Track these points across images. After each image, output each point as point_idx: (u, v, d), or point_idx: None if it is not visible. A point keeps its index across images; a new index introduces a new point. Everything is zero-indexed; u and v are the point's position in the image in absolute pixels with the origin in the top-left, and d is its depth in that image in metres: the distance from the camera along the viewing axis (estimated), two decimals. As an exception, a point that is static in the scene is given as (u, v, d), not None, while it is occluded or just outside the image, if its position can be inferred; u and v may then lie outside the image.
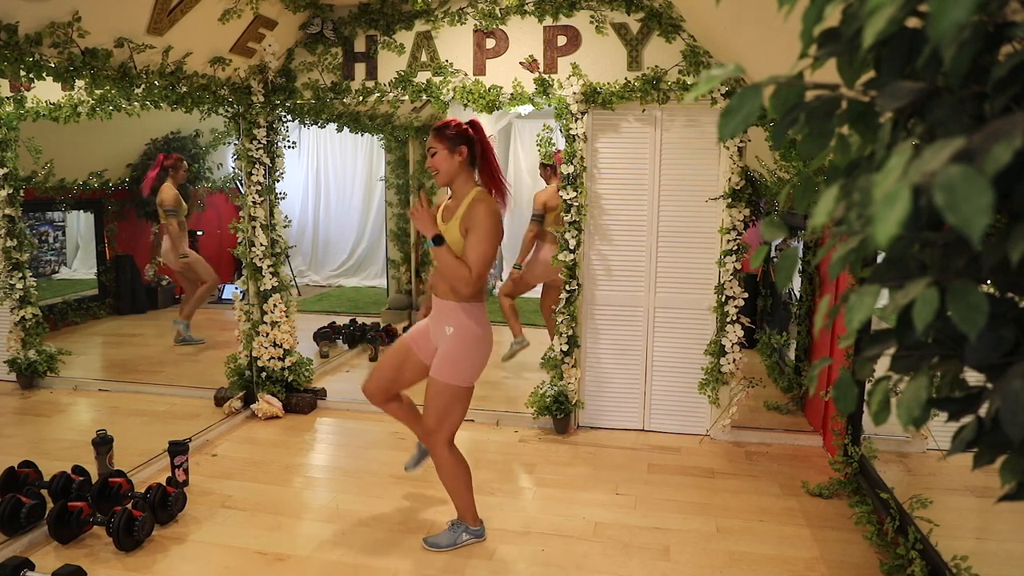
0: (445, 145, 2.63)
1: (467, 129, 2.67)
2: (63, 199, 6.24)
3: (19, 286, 4.74)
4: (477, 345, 2.67)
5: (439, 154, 2.63)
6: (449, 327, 2.67)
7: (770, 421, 4.19)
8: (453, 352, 2.66)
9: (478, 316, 2.68)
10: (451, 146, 2.63)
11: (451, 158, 2.63)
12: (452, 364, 2.66)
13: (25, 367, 4.74)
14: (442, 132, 2.64)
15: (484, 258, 2.56)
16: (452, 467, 2.77)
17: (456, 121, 2.68)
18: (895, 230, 0.63)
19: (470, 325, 2.65)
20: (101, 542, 2.84)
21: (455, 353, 2.66)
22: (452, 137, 2.63)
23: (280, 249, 4.42)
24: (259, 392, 4.36)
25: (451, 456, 2.76)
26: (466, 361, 2.67)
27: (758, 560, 2.78)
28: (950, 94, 0.74)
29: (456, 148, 2.63)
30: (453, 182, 2.68)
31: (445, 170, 2.64)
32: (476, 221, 2.56)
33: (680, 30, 3.77)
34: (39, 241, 6.63)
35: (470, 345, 2.66)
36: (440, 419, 2.69)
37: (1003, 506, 0.88)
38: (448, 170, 2.64)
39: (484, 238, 2.55)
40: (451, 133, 2.63)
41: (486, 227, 2.55)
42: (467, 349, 2.66)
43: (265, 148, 4.27)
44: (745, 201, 3.78)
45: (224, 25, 3.71)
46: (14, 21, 2.82)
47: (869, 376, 0.93)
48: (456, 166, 2.64)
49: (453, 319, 2.66)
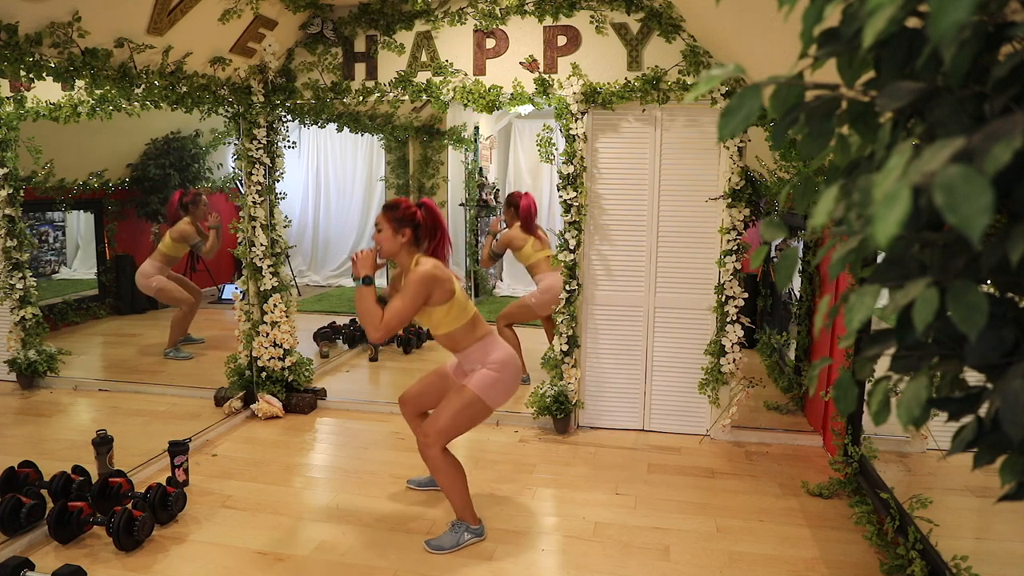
0: (391, 226, 2.78)
1: (415, 212, 2.80)
2: (63, 199, 6.24)
3: (19, 286, 4.74)
4: (508, 368, 2.86)
5: (384, 232, 2.79)
6: (477, 365, 2.86)
7: (770, 421, 4.19)
8: (493, 375, 2.84)
9: (497, 345, 2.90)
10: (396, 227, 2.78)
11: (394, 238, 2.79)
12: (491, 384, 2.82)
13: (25, 367, 4.74)
14: (391, 211, 2.80)
15: (399, 315, 2.70)
16: (448, 469, 2.85)
17: (406, 203, 2.82)
18: (895, 230, 0.63)
19: (495, 354, 2.86)
20: (101, 542, 2.84)
21: (494, 376, 2.84)
22: (399, 219, 2.78)
23: (280, 249, 4.42)
24: (259, 392, 4.36)
25: (446, 458, 2.85)
26: (501, 383, 2.85)
27: (758, 560, 2.78)
28: (950, 94, 0.74)
29: (400, 230, 2.78)
30: (396, 258, 2.84)
31: (388, 248, 2.81)
32: (407, 282, 2.73)
33: (680, 30, 3.77)
34: (39, 241, 6.63)
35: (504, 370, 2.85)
36: (452, 422, 2.80)
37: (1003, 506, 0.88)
38: (390, 249, 2.81)
39: (407, 296, 2.69)
40: (398, 215, 2.78)
41: (413, 290, 2.69)
42: (502, 374, 2.84)
43: (265, 148, 4.27)
44: (745, 201, 3.78)
45: (224, 25, 3.71)
46: (14, 21, 2.82)
47: (869, 376, 0.93)
48: (398, 246, 2.79)
49: (478, 359, 2.86)
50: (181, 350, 5.66)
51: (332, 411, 4.49)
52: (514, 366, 2.89)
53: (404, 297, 2.70)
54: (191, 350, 5.77)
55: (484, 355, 2.85)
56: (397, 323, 2.70)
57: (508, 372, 2.86)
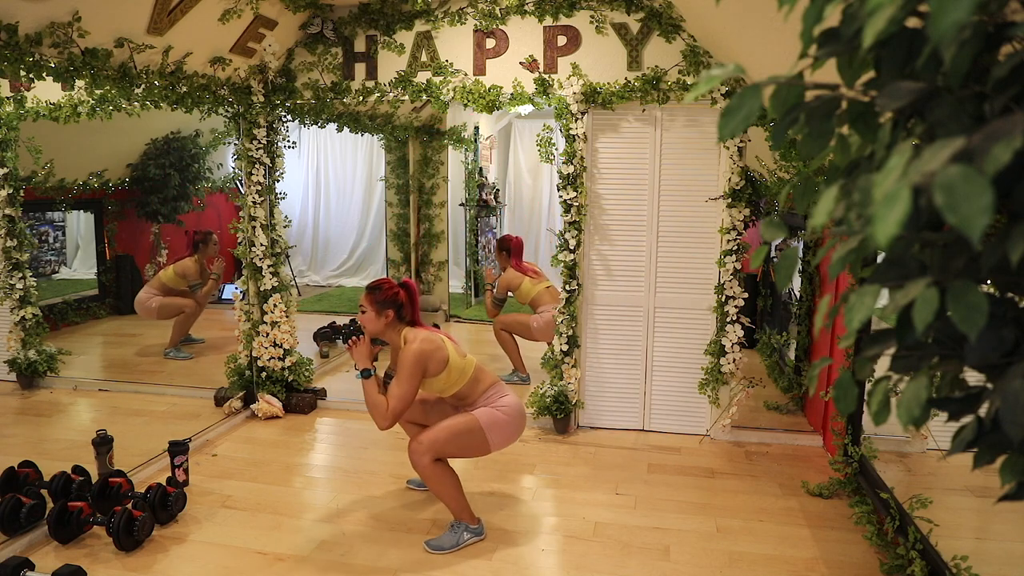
0: (374, 308, 2.82)
1: (397, 293, 2.84)
2: (63, 199, 6.24)
3: (19, 286, 4.74)
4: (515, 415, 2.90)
5: (367, 314, 2.83)
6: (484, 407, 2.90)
7: (770, 421, 4.19)
8: (500, 416, 2.86)
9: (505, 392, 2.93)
10: (379, 309, 2.82)
11: (377, 320, 2.83)
12: (495, 421, 2.85)
13: (25, 367, 4.74)
14: (373, 293, 2.84)
15: (402, 398, 2.70)
16: (438, 475, 2.85)
17: (388, 284, 2.86)
18: (895, 230, 0.63)
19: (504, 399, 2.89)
20: (101, 542, 2.84)
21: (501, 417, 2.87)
22: (381, 302, 2.82)
23: (280, 249, 4.42)
24: (259, 392, 4.36)
25: (435, 466, 2.84)
26: (508, 427, 2.89)
27: (758, 560, 2.78)
28: (950, 94, 0.74)
29: (383, 312, 2.82)
30: (382, 336, 2.87)
31: (372, 329, 2.84)
32: (400, 363, 2.75)
33: (680, 30, 3.77)
34: (39, 241, 6.62)
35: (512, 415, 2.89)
36: (448, 440, 2.81)
37: (1003, 506, 0.88)
38: (375, 329, 2.84)
39: (404, 379, 2.71)
40: (380, 298, 2.82)
41: (408, 369, 2.71)
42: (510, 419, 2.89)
43: (265, 148, 4.27)
44: (745, 201, 3.78)
45: (224, 25, 3.71)
46: (14, 21, 2.82)
47: (869, 376, 0.93)
48: (382, 326, 2.83)
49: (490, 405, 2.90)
50: (181, 350, 5.66)
51: (332, 411, 4.49)
52: (521, 415, 2.93)
53: (402, 381, 2.71)
54: (191, 350, 5.77)
55: (496, 402, 2.89)
56: (402, 407, 2.71)
57: (515, 419, 2.90)
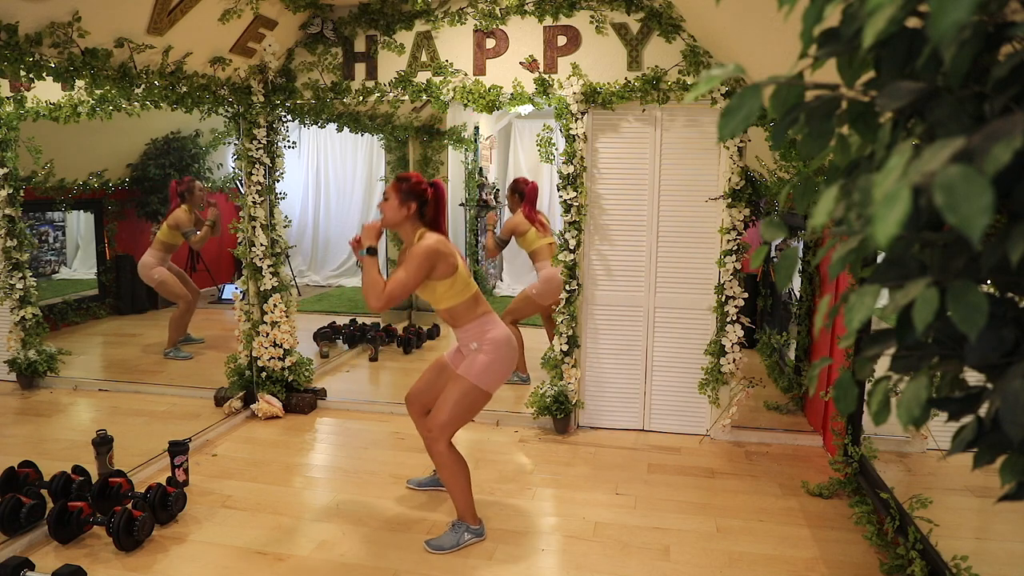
0: (398, 197, 2.83)
1: (425, 189, 2.85)
2: (63, 199, 6.24)
3: (19, 286, 4.74)
4: (502, 349, 2.87)
5: (390, 202, 2.84)
6: (473, 343, 2.87)
7: (770, 421, 4.19)
8: (484, 358, 2.84)
9: (494, 325, 2.90)
10: (403, 199, 2.82)
11: (398, 210, 2.83)
12: (483, 368, 2.83)
13: (25, 367, 4.74)
14: (400, 184, 2.85)
15: (402, 285, 2.72)
16: (453, 465, 2.86)
17: (417, 177, 2.88)
18: (895, 230, 0.63)
19: (492, 333, 2.86)
20: (101, 542, 2.84)
21: (487, 359, 2.84)
22: (407, 192, 2.82)
23: (280, 249, 4.42)
24: (259, 392, 4.36)
25: (451, 454, 2.86)
26: (495, 367, 2.86)
27: (758, 560, 2.78)
28: (950, 94, 0.74)
29: (406, 203, 2.82)
30: (398, 229, 2.87)
31: (391, 218, 2.84)
32: (411, 255, 2.76)
33: (680, 30, 3.77)
34: (39, 241, 6.63)
35: (500, 353, 2.86)
36: (453, 416, 2.82)
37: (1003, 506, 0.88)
38: (393, 219, 2.84)
39: (411, 269, 2.72)
40: (406, 188, 2.83)
41: (417, 262, 2.73)
42: (495, 355, 2.86)
43: (265, 148, 4.27)
44: (745, 201, 3.78)
45: (224, 25, 3.71)
46: (14, 21, 2.82)
47: (869, 376, 0.93)
48: (401, 217, 2.83)
49: (474, 336, 2.87)
50: (181, 350, 5.65)
51: (332, 411, 4.49)
52: (508, 347, 2.89)
53: (408, 269, 2.72)
54: (191, 350, 5.76)
55: (481, 333, 2.86)
56: (399, 293, 2.71)
57: (502, 353, 2.86)
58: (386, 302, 2.70)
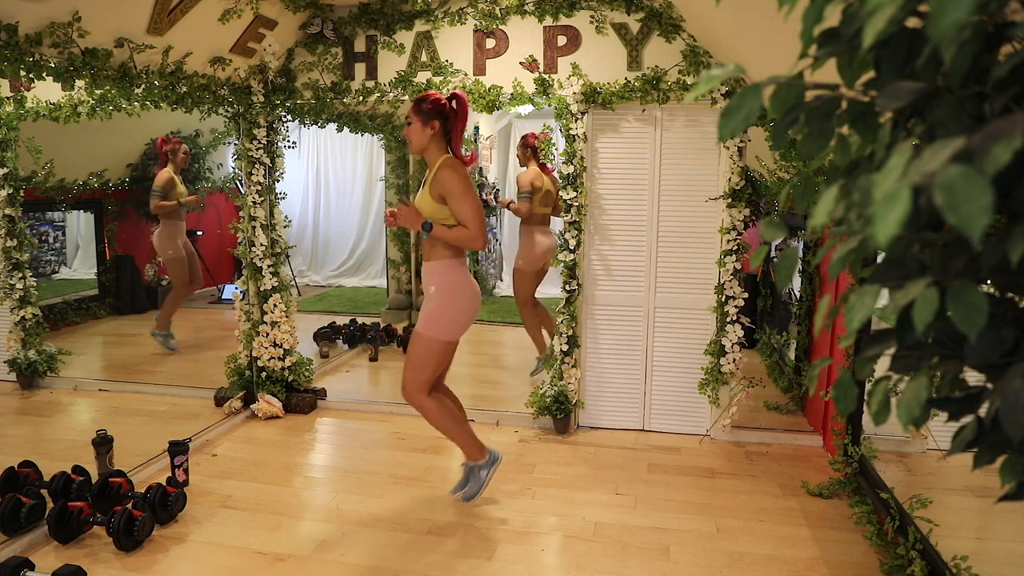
0: (419, 118, 2.82)
1: (444, 105, 2.84)
2: (63, 199, 6.24)
3: (19, 286, 4.74)
4: (456, 298, 2.86)
5: (413, 125, 2.84)
6: (431, 287, 2.87)
7: (770, 421, 4.19)
8: (436, 307, 2.86)
9: (457, 271, 2.88)
10: (424, 119, 2.82)
11: (423, 131, 2.82)
12: (435, 318, 2.85)
13: (25, 367, 4.74)
14: (419, 104, 2.83)
15: (473, 213, 2.76)
16: (437, 410, 2.92)
17: (435, 95, 2.85)
18: (895, 230, 0.63)
19: (449, 281, 2.86)
20: (101, 542, 2.84)
21: (439, 307, 2.85)
22: (427, 111, 2.82)
23: (280, 249, 4.42)
24: (259, 392, 4.36)
25: (432, 401, 2.91)
26: (447, 315, 2.86)
27: (758, 560, 2.78)
28: (950, 94, 0.74)
29: (429, 122, 2.81)
30: (425, 152, 2.86)
31: (417, 141, 2.84)
32: (449, 188, 2.76)
33: (680, 30, 3.77)
34: (39, 241, 6.63)
35: (451, 300, 2.86)
36: (418, 370, 2.88)
37: (1003, 506, 0.88)
38: (420, 141, 2.83)
39: (463, 198, 2.76)
40: (427, 107, 2.82)
41: (460, 189, 2.75)
42: (448, 304, 2.85)
43: (265, 148, 4.27)
44: (745, 201, 3.78)
45: (224, 25, 3.71)
46: (14, 21, 2.82)
47: (869, 376, 0.93)
48: (427, 139, 2.82)
49: (436, 278, 2.87)
50: (169, 340, 5.64)
51: (332, 411, 4.49)
52: (465, 293, 2.88)
53: (461, 201, 2.75)
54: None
55: (443, 274, 2.86)
56: (480, 219, 2.78)
57: (454, 301, 2.86)
58: (482, 237, 2.76)
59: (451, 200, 2.77)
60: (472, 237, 2.77)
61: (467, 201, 2.75)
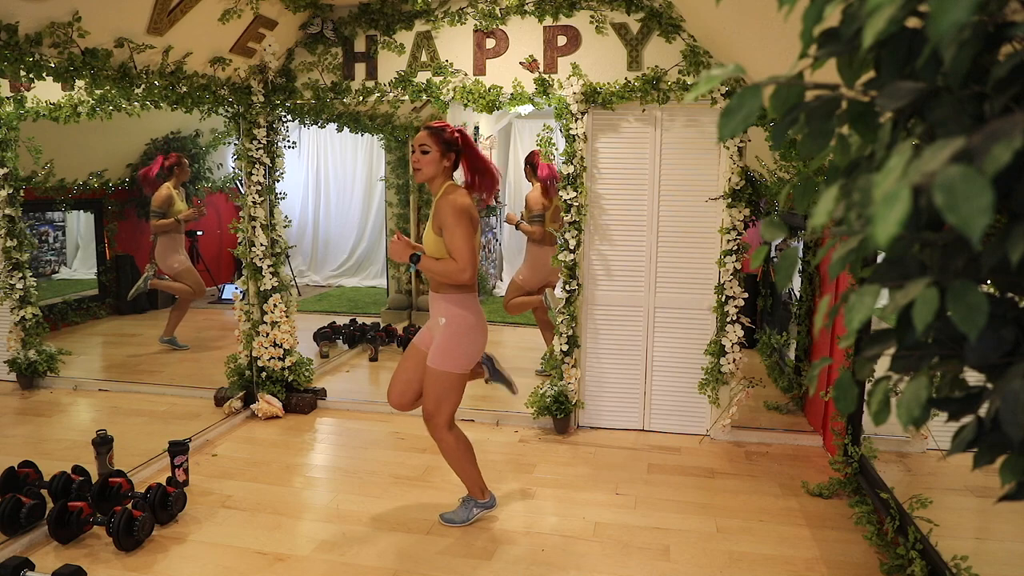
0: (439, 148, 2.75)
1: (458, 138, 2.80)
2: (63, 199, 6.24)
3: (19, 286, 4.74)
4: (469, 333, 2.81)
5: (431, 154, 2.75)
6: (442, 318, 2.82)
7: (770, 421, 4.19)
8: (446, 341, 2.80)
9: (468, 305, 2.82)
10: (444, 150, 2.76)
11: (440, 162, 2.76)
12: (445, 352, 2.80)
13: (25, 367, 4.74)
14: (439, 135, 2.76)
15: (464, 247, 2.67)
16: (454, 447, 2.90)
17: (451, 128, 2.81)
18: (895, 230, 0.63)
19: (461, 314, 2.80)
20: (101, 542, 2.84)
21: (448, 342, 2.80)
22: (448, 142, 2.76)
23: (280, 249, 4.42)
24: (259, 392, 4.36)
25: (451, 436, 2.89)
26: (459, 349, 2.81)
27: (758, 560, 2.78)
28: (950, 94, 0.74)
29: (447, 153, 2.76)
30: (431, 182, 2.80)
31: (430, 171, 2.76)
32: (444, 218, 2.69)
33: (680, 30, 3.77)
34: (39, 241, 6.63)
35: (462, 333, 2.80)
36: (437, 404, 2.84)
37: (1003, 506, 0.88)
38: (433, 172, 2.76)
39: (456, 231, 2.67)
40: (447, 138, 2.76)
41: (454, 220, 2.67)
42: (459, 337, 2.80)
43: (265, 148, 4.27)
44: (745, 201, 3.78)
45: (224, 25, 3.71)
46: (14, 21, 2.82)
47: (869, 376, 0.93)
48: (438, 168, 2.76)
49: (444, 310, 2.81)
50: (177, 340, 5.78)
51: (332, 411, 4.49)
52: (474, 331, 2.82)
53: (453, 234, 2.66)
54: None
55: (452, 306, 2.78)
56: (471, 254, 2.68)
57: (464, 334, 2.79)
58: (472, 268, 2.68)
59: (445, 231, 2.69)
60: (460, 270, 2.67)
61: (458, 231, 2.65)
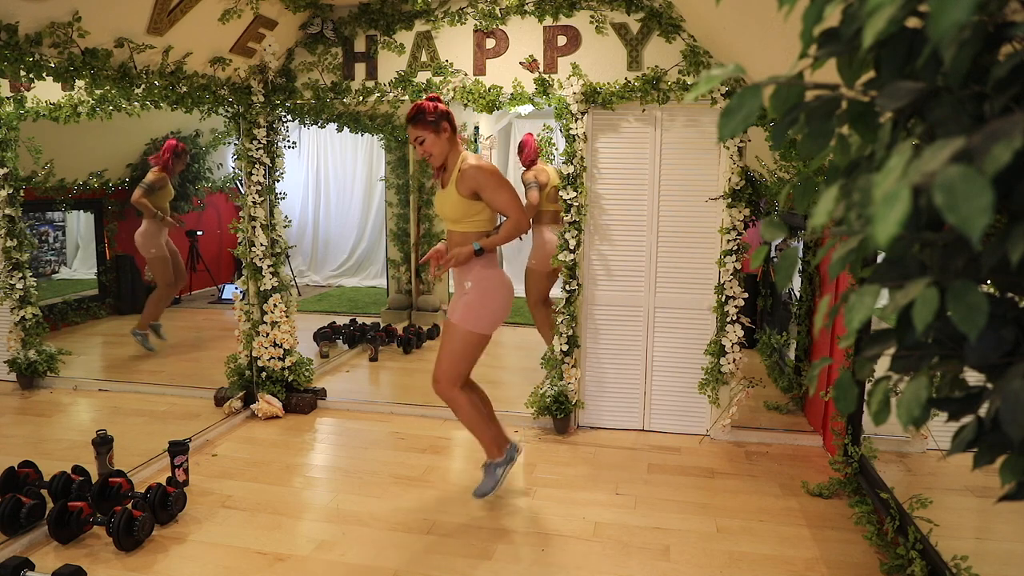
0: (430, 129, 2.78)
1: (438, 105, 2.83)
2: (63, 199, 6.24)
3: (19, 286, 4.74)
4: (495, 293, 2.89)
5: (428, 140, 2.79)
6: (468, 282, 2.89)
7: (770, 421, 4.18)
8: (476, 299, 2.87)
9: (492, 266, 2.92)
10: (436, 128, 2.79)
11: (439, 138, 2.80)
12: (472, 311, 2.87)
13: (25, 367, 4.74)
14: (422, 118, 2.79)
15: (512, 201, 2.82)
16: (467, 407, 2.94)
17: (427, 104, 2.82)
18: (895, 230, 0.63)
19: (486, 275, 2.88)
20: (101, 542, 2.84)
21: (475, 302, 2.87)
22: (434, 120, 2.79)
23: (280, 249, 4.42)
24: (259, 392, 4.36)
25: (463, 396, 2.93)
26: (485, 308, 2.88)
27: (758, 560, 2.78)
28: (950, 94, 0.74)
29: (439, 129, 2.79)
30: (447, 157, 2.86)
31: (439, 151, 2.81)
32: (481, 182, 2.78)
33: (680, 30, 3.77)
34: (39, 241, 6.63)
35: (488, 294, 2.88)
36: (454, 363, 2.89)
37: (1003, 506, 0.88)
38: (441, 151, 2.82)
39: (498, 189, 2.79)
40: (432, 117, 2.79)
41: (493, 181, 2.79)
42: (486, 298, 2.88)
43: (265, 148, 4.27)
44: (745, 201, 3.78)
45: (224, 25, 3.71)
46: (14, 21, 2.82)
47: (869, 376, 0.93)
48: (445, 144, 2.82)
49: (471, 274, 2.90)
50: (148, 339, 5.63)
51: (332, 411, 4.49)
52: (502, 288, 2.91)
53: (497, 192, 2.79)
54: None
55: (479, 269, 2.88)
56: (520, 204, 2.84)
57: (492, 294, 2.89)
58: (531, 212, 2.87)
59: (486, 193, 2.79)
60: (517, 223, 2.82)
61: (503, 190, 2.79)
